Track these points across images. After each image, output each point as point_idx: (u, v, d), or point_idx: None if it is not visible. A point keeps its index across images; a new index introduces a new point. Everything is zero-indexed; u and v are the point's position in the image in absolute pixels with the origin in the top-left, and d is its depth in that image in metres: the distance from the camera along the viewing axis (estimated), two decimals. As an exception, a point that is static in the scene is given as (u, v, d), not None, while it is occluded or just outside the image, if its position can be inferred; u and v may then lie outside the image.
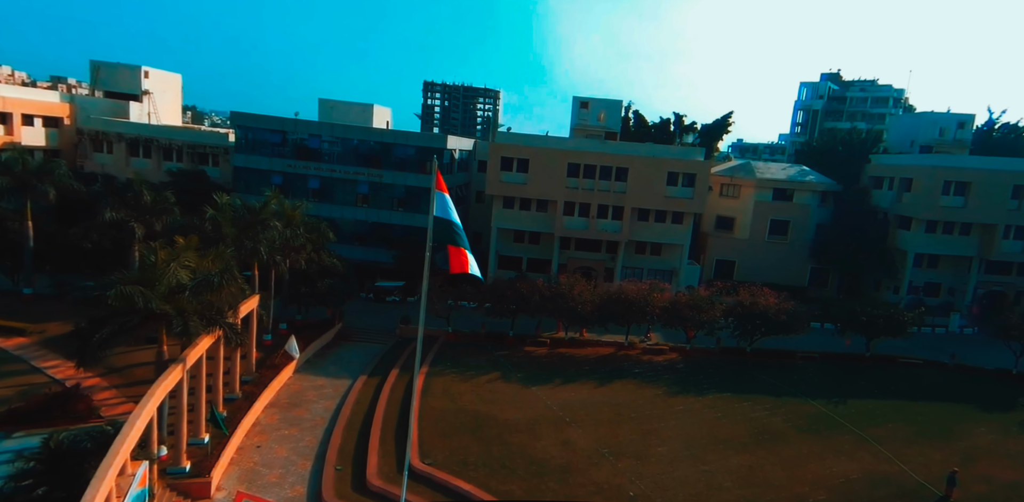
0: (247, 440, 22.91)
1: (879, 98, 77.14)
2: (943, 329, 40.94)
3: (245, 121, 46.59)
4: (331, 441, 23.49)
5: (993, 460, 24.05)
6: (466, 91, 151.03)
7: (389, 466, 22.01)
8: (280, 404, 26.54)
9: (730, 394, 29.52)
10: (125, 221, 29.75)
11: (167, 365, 18.46)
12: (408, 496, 20.09)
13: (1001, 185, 40.47)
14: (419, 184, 46.21)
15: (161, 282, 18.30)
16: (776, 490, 21.32)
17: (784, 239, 47.72)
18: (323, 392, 28.31)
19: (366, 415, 25.94)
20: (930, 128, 51.75)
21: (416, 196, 46.73)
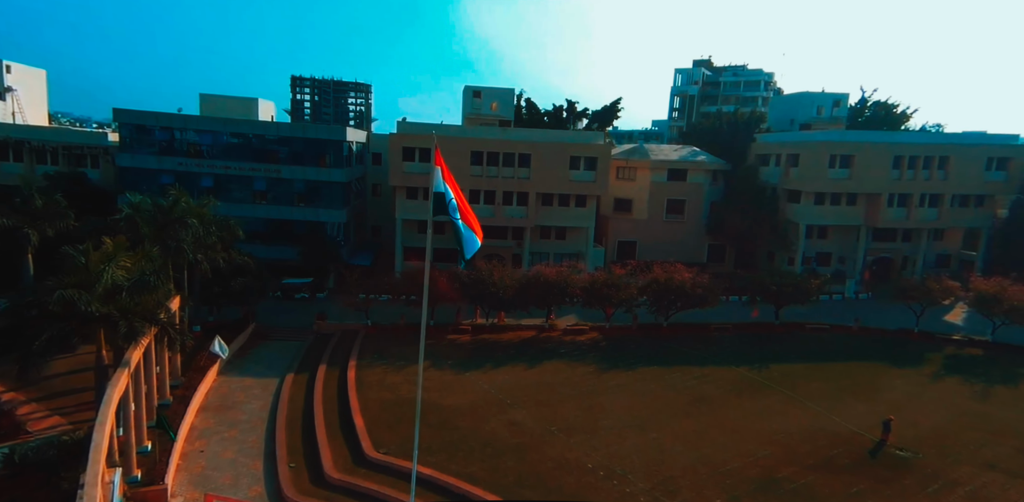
0: (188, 446, 23.45)
1: (751, 82, 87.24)
2: (840, 296, 48.07)
3: (129, 118, 45.61)
4: (277, 440, 24.52)
5: (915, 408, 29.16)
6: (336, 85, 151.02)
7: (344, 458, 23.51)
8: (212, 407, 27.09)
9: (658, 366, 33.57)
10: (17, 227, 29.39)
11: (106, 371, 19.04)
12: (371, 485, 22.12)
13: (882, 156, 48.33)
14: (319, 178, 47.11)
15: (99, 284, 18.81)
16: (724, 449, 24.80)
17: (681, 218, 53.67)
18: (253, 392, 29.08)
19: (305, 412, 27.15)
20: (808, 107, 60.28)
21: (317, 190, 47.53)
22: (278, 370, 31.84)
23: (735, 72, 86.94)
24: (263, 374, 31.43)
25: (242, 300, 36.49)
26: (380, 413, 26.89)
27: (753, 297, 40.27)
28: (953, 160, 49.63)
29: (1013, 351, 37.40)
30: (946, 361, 36.24)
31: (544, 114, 58.66)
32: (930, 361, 36.15)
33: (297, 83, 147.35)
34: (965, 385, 32.64)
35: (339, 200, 47.67)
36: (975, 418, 28.39)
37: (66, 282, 18.52)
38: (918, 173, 49.60)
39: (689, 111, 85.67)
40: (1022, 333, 38.06)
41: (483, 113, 53.61)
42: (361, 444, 24.54)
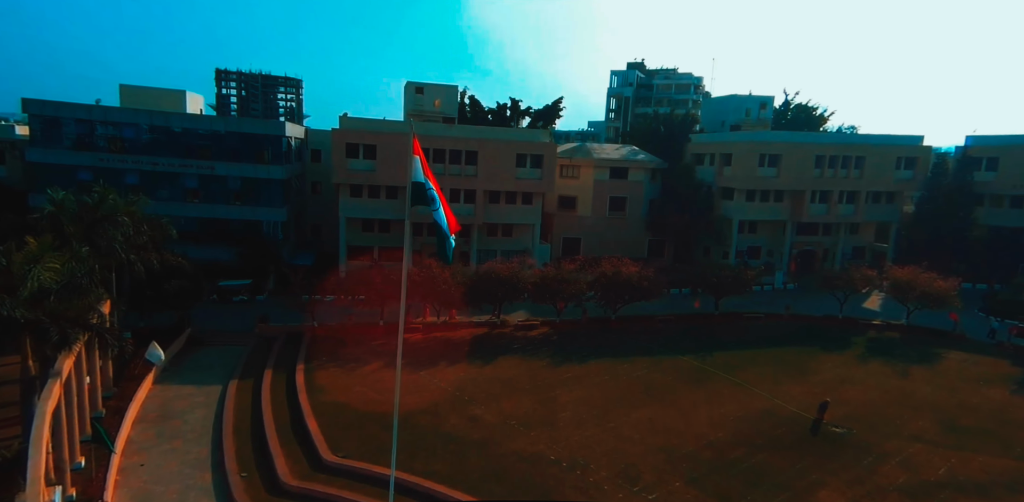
0: (126, 460, 21.40)
1: (681, 85, 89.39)
2: (770, 286, 49.74)
3: (41, 109, 41.63)
4: (225, 449, 22.81)
5: (845, 387, 30.44)
6: (265, 80, 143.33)
7: (300, 465, 22.11)
8: (150, 418, 24.92)
9: (609, 359, 33.55)
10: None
11: (34, 383, 17.01)
12: (332, 490, 20.82)
13: (806, 156, 50.21)
14: (257, 175, 44.67)
15: (24, 287, 16.68)
16: (680, 435, 25.05)
17: (623, 215, 54.12)
18: (194, 400, 27.03)
19: (253, 419, 25.49)
20: (738, 109, 62.08)
21: (255, 188, 45.07)
22: (220, 376, 29.81)
23: (667, 75, 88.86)
24: (204, 381, 29.36)
25: (177, 304, 33.92)
26: (335, 416, 25.53)
27: (696, 289, 40.82)
28: (868, 160, 52.05)
29: (926, 333, 39.45)
30: (869, 344, 37.83)
31: (488, 112, 57.88)
32: (855, 344, 37.74)
33: (223, 77, 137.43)
34: (887, 365, 34.12)
35: (279, 198, 45.40)
36: (898, 395, 29.83)
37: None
38: (837, 172, 51.76)
39: (625, 112, 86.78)
40: (933, 317, 40.16)
41: (426, 110, 52.15)
42: (317, 449, 23.17)
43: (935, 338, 38.55)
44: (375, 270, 37.63)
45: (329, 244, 51.12)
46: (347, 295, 36.36)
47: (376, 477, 21.68)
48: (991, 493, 21.52)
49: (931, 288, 38.25)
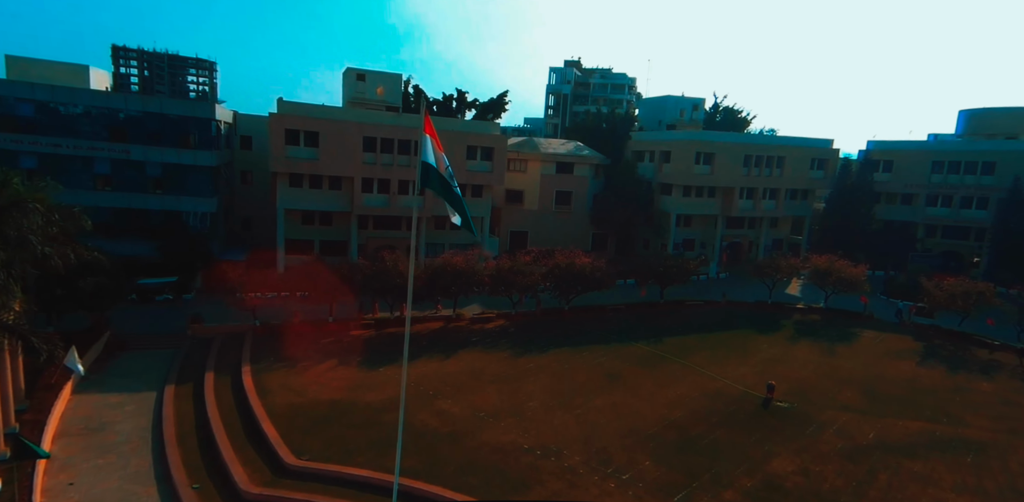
0: (51, 479, 18.17)
1: (617, 85, 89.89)
2: (705, 276, 50.27)
3: None
4: (170, 460, 19.99)
5: (782, 366, 31.07)
6: (172, 60, 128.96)
7: (260, 471, 19.69)
8: (75, 431, 21.48)
9: (567, 348, 32.51)
10: None
11: None
12: (301, 495, 18.54)
13: (736, 155, 51.11)
14: (181, 161, 40.34)
15: None
16: (643, 417, 24.52)
17: (568, 209, 53.31)
18: (125, 410, 23.69)
19: (199, 426, 22.67)
20: (673, 109, 62.64)
21: (178, 175, 40.70)
22: (151, 383, 26.37)
23: (603, 74, 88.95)
24: (133, 388, 25.83)
25: (93, 304, 29.25)
26: (291, 418, 23.16)
27: (643, 279, 40.46)
28: (788, 160, 53.68)
29: (842, 315, 41.03)
30: (796, 326, 38.87)
31: (433, 102, 55.37)
32: (784, 327, 38.77)
33: (121, 54, 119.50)
34: (814, 344, 35.18)
35: (207, 187, 41.30)
36: (827, 371, 30.80)
37: None
38: (762, 170, 53.06)
39: (564, 109, 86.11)
40: (846, 300, 41.74)
41: (368, 97, 48.97)
42: (278, 453, 20.76)
43: (849, 319, 40.02)
44: (320, 265, 34.88)
45: (262, 238, 47.28)
46: (292, 292, 33.32)
47: (345, 479, 19.64)
48: (915, 452, 22.36)
49: (846, 274, 39.76)
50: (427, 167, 11.56)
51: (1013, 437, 23.28)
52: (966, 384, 28.92)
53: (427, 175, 11.60)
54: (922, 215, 54.88)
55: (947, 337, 35.97)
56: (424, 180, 11.68)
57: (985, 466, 21.24)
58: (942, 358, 32.75)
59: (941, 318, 38.25)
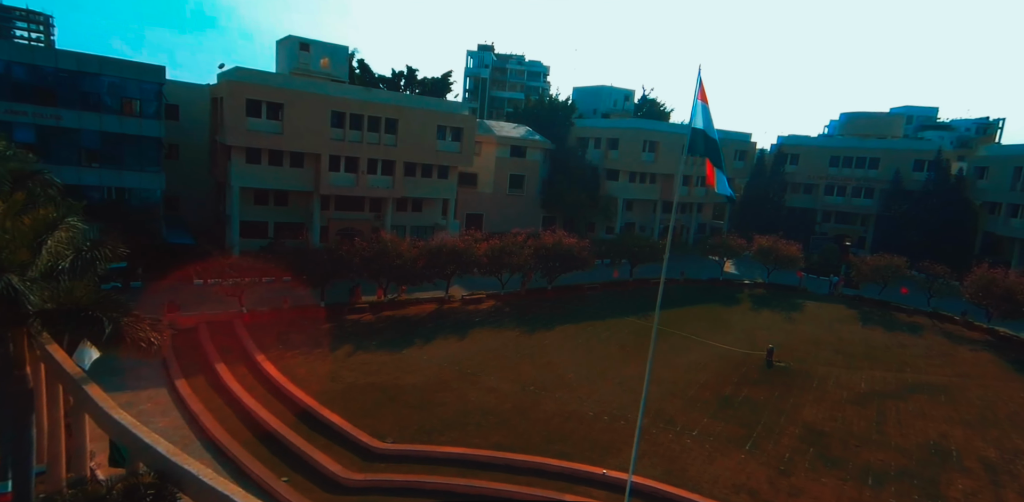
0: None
1: (533, 72, 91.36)
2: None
3: None
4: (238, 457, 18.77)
5: (760, 332, 34.19)
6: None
7: (348, 459, 19.15)
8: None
9: (570, 324, 33.72)
10: None
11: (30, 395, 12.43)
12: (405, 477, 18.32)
13: (676, 145, 54.59)
14: (124, 130, 35.76)
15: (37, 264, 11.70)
16: (675, 382, 26.34)
17: (521, 192, 54.26)
18: (141, 409, 21.16)
19: (242, 419, 21.34)
20: (607, 99, 65.38)
21: (119, 146, 36.06)
22: (151, 379, 23.76)
23: (519, 61, 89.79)
24: (133, 386, 22.98)
25: None
26: (342, 404, 22.39)
27: (616, 259, 42.58)
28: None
29: (783, 289, 45.73)
30: (750, 299, 43.00)
31: (380, 79, 53.23)
32: (741, 300, 42.71)
33: None
34: (775, 314, 39.17)
35: (154, 161, 37.18)
36: (797, 335, 34.47)
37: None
38: (696, 159, 57.04)
39: (483, 94, 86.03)
40: (785, 276, 46.79)
41: (312, 69, 46.14)
42: (359, 438, 20.21)
43: (789, 292, 44.93)
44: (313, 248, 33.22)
45: (192, 219, 43.47)
46: (279, 277, 31.49)
47: (438, 458, 19.55)
48: (901, 396, 26.24)
49: (786, 252, 44.54)
50: (696, 133, 12.09)
51: (963, 380, 28.00)
52: (906, 341, 33.98)
53: (696, 141, 12.14)
54: (821, 203, 62.20)
55: (872, 304, 41.66)
56: (692, 147, 12.21)
57: (956, 402, 25.49)
58: (876, 321, 38.01)
59: (864, 289, 44.14)
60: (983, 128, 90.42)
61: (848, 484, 18.89)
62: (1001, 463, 20.42)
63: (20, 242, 11.89)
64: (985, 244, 52.00)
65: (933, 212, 52.52)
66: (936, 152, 56.01)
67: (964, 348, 32.54)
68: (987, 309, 34.88)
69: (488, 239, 36.86)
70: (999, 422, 23.51)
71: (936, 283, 40.06)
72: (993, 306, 33.63)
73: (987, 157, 53.19)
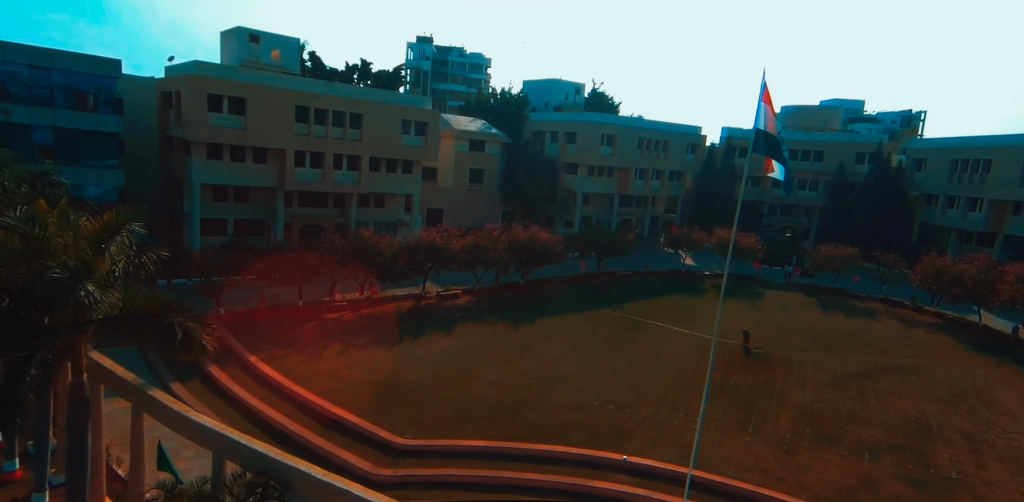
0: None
1: (475, 65, 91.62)
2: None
3: None
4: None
5: (732, 320, 34.84)
6: None
7: (371, 456, 19.50)
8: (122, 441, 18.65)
9: (551, 316, 34.56)
10: None
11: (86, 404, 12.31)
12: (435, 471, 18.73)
13: (633, 139, 56.46)
14: (79, 126, 34.46)
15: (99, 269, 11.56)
16: (666, 371, 27.64)
17: (481, 186, 54.72)
18: None
19: (252, 421, 21.29)
20: (559, 93, 66.50)
21: (74, 143, 34.61)
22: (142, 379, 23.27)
23: (460, 53, 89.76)
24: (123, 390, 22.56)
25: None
26: (350, 402, 22.58)
27: (585, 252, 43.82)
28: (671, 144, 60.80)
29: (742, 279, 47.62)
30: (714, 289, 44.95)
31: (332, 73, 52.22)
32: (706, 290, 44.59)
33: None
34: (741, 303, 40.87)
35: (112, 157, 35.76)
36: (765, 322, 36.01)
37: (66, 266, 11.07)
38: (653, 153, 59.42)
39: (424, 86, 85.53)
40: (744, 267, 49.08)
41: (262, 62, 44.98)
42: (378, 435, 20.55)
43: (748, 282, 47.35)
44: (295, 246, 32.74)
45: (177, 217, 41.74)
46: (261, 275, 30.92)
47: (460, 451, 20.04)
48: (875, 377, 28.24)
49: (746, 244, 47.05)
50: (759, 133, 13.04)
51: (926, 361, 30.72)
52: (866, 326, 36.78)
53: (759, 140, 13.09)
54: (768, 196, 65.76)
55: (827, 292, 44.65)
56: (756, 145, 13.16)
57: (925, 381, 27.99)
58: (835, 308, 40.84)
59: (819, 278, 47.16)
60: (907, 120, 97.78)
61: (848, 459, 20.66)
62: (977, 434, 22.78)
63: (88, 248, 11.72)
64: (922, 233, 56.60)
65: (874, 203, 56.60)
66: (877, 145, 60.25)
67: (919, 331, 35.56)
68: (936, 294, 38.25)
69: (464, 234, 37.23)
70: (967, 397, 26.06)
71: (887, 271, 43.42)
72: (943, 291, 36.91)
73: (924, 150, 57.82)
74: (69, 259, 11.39)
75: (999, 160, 47.97)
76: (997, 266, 35.44)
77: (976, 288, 34.32)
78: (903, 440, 22.04)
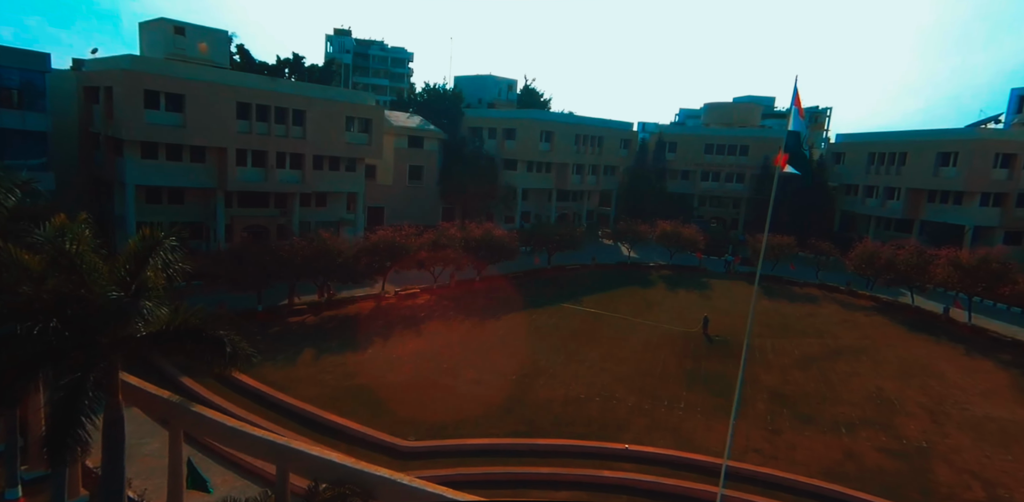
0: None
1: (397, 59, 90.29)
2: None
3: None
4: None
5: (687, 309, 37.70)
6: None
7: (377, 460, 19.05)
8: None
9: (514, 313, 35.04)
10: None
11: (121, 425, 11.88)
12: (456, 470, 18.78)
13: (570, 134, 57.69)
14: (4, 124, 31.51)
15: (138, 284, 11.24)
16: (640, 361, 28.69)
17: (420, 183, 54.25)
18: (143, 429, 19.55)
19: None
20: (492, 89, 66.72)
21: (-1, 142, 31.59)
22: None
23: (381, 47, 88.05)
24: None
25: None
26: (339, 407, 22.21)
27: (537, 247, 44.53)
28: (605, 140, 62.65)
29: (686, 269, 50.06)
30: (662, 280, 46.84)
31: (263, 67, 49.91)
32: (655, 281, 46.42)
33: None
34: (690, 292, 43.15)
35: (40, 157, 33.04)
36: (719, 310, 37.44)
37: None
38: (589, 148, 60.96)
39: (345, 80, 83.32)
40: (687, 258, 51.46)
41: (188, 55, 42.60)
42: (381, 439, 20.38)
43: (692, 272, 49.72)
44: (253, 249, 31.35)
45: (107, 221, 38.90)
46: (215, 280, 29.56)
47: (469, 450, 20.22)
48: (831, 359, 30.29)
49: (688, 236, 49.35)
50: (791, 134, 13.83)
51: (872, 342, 33.37)
52: (811, 311, 39.46)
53: (789, 141, 13.86)
54: (698, 188, 68.96)
55: (768, 280, 47.28)
56: (787, 146, 13.92)
57: (876, 361, 30.47)
58: (778, 294, 43.51)
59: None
60: (814, 117, 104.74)
61: (827, 435, 22.31)
62: (934, 406, 25.15)
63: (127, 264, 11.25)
64: (843, 221, 61.20)
65: (798, 194, 60.53)
66: (798, 141, 64.45)
67: (859, 314, 38.57)
68: (870, 279, 41.57)
69: (422, 233, 36.98)
70: (917, 374, 28.63)
71: (823, 258, 46.73)
72: (876, 276, 40.18)
73: (843, 144, 62.46)
74: (101, 278, 10.90)
75: (914, 153, 52.64)
76: (925, 251, 38.91)
77: (908, 272, 37.62)
78: (872, 415, 24.01)
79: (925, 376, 28.38)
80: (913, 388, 26.88)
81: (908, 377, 28.20)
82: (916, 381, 27.68)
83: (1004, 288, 34.27)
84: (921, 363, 30.14)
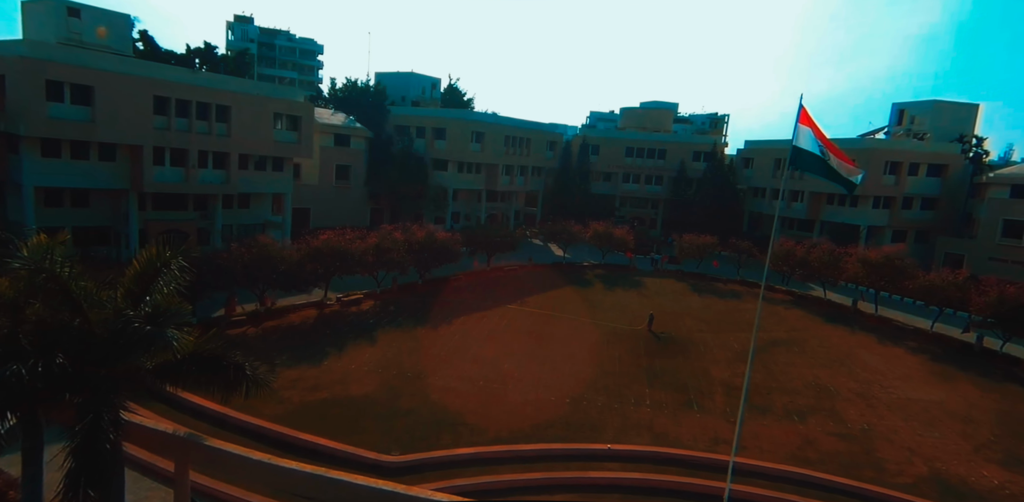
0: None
1: (306, 51, 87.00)
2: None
3: None
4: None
5: (627, 307, 39.21)
6: None
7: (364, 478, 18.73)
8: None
9: (464, 316, 35.10)
10: None
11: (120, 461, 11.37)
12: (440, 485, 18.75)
13: (500, 136, 58.21)
14: None
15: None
16: (596, 361, 29.54)
17: (347, 183, 52.87)
18: None
19: None
20: (416, 87, 65.81)
21: None
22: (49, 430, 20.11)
23: (288, 37, 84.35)
24: None
25: None
26: (305, 424, 21.39)
27: (477, 248, 44.74)
28: (533, 142, 63.90)
29: (618, 268, 51.91)
30: (598, 279, 48.29)
31: (170, 56, 46.36)
32: (591, 280, 47.81)
33: None
34: (626, 291, 44.83)
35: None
36: (657, 307, 39.28)
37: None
38: (518, 150, 61.86)
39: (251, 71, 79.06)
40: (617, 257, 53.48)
41: (84, 40, 39.13)
42: (361, 455, 19.90)
43: (623, 270, 51.72)
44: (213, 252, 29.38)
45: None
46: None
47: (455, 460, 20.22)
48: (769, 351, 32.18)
49: (619, 236, 51.33)
50: (797, 150, 14.52)
51: (797, 334, 36.25)
52: (739, 306, 42.13)
53: (796, 157, 14.57)
54: (620, 190, 71.56)
55: (694, 278, 50.14)
56: (792, 162, 14.69)
57: (805, 352, 33.15)
58: (707, 291, 46.12)
59: (684, 264, 52.66)
60: (714, 122, 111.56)
61: (783, 423, 24.18)
62: (864, 390, 27.82)
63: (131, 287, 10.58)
64: (751, 221, 65.69)
65: (710, 196, 64.41)
66: (712, 145, 68.59)
67: (779, 308, 41.68)
68: (786, 275, 45.04)
69: (366, 237, 36.22)
70: (843, 362, 31.50)
71: (743, 256, 50.03)
72: (792, 272, 43.67)
73: (751, 150, 66.95)
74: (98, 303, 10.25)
75: (814, 157, 57.34)
76: (836, 250, 42.75)
77: (822, 269, 41.18)
78: (815, 402, 26.24)
79: (851, 364, 31.28)
80: (843, 375, 29.57)
81: (837, 365, 30.98)
82: (844, 369, 30.46)
83: (907, 282, 38.32)
84: (844, 352, 33.17)
